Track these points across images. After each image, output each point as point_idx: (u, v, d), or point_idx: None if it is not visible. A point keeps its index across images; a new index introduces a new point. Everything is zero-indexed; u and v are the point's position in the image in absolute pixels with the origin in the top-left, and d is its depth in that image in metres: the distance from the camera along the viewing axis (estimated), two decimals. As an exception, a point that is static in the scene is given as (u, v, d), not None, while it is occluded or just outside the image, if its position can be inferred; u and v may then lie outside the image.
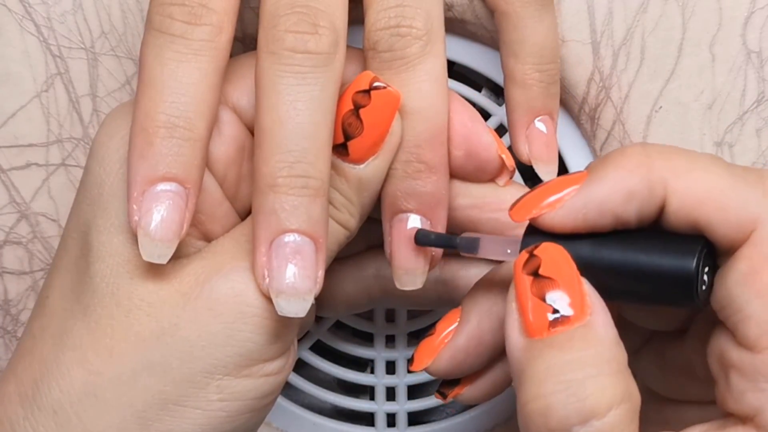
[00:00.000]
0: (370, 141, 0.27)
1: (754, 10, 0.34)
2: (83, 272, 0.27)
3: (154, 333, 0.26)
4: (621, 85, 0.34)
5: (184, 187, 0.26)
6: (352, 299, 0.32)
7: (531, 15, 0.30)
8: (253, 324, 0.26)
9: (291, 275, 0.25)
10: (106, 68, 0.34)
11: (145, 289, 0.26)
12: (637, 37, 0.34)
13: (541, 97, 0.31)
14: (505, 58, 0.31)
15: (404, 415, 0.38)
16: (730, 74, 0.34)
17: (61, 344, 0.26)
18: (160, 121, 0.25)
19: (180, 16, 0.26)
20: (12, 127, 0.34)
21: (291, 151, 0.25)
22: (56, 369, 0.26)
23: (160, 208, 0.25)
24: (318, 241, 0.26)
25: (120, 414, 0.26)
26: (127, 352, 0.26)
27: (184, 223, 0.26)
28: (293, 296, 0.25)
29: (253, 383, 0.27)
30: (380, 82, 0.27)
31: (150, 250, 0.25)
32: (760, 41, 0.34)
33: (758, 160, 0.35)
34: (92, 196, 0.27)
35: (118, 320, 0.26)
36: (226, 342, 0.26)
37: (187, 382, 0.26)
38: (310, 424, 0.38)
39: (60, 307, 0.27)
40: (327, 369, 0.38)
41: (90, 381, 0.26)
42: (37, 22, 0.33)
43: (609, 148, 0.35)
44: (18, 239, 0.35)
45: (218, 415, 0.26)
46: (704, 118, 0.35)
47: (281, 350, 0.27)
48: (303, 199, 0.25)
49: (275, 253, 0.25)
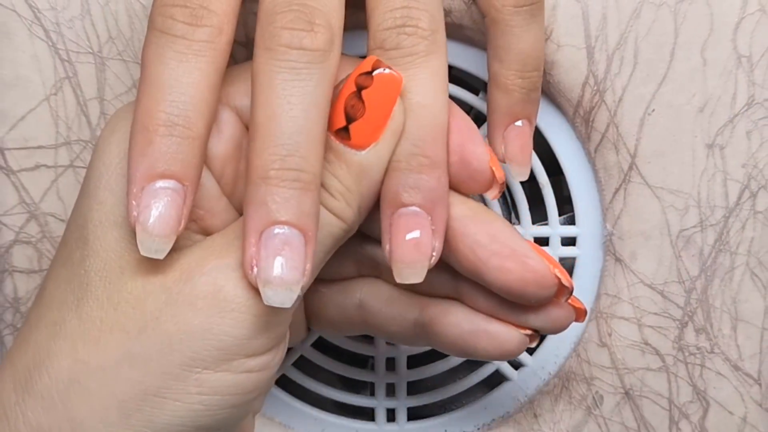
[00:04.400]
0: (373, 124, 0.26)
1: (744, 16, 0.34)
2: (78, 265, 0.27)
3: (137, 326, 0.26)
4: (615, 88, 0.34)
5: (182, 184, 0.25)
6: (335, 324, 0.32)
7: (519, 24, 0.30)
8: (231, 318, 0.26)
9: (279, 266, 0.25)
10: (114, 72, 0.34)
11: (133, 283, 0.26)
12: (630, 42, 0.34)
13: (522, 102, 0.31)
14: (490, 62, 0.31)
15: (404, 410, 0.38)
16: (721, 78, 0.34)
17: (54, 334, 0.26)
18: (161, 120, 0.25)
19: (181, 18, 0.26)
20: (22, 129, 0.34)
21: (284, 145, 0.25)
22: (47, 357, 0.26)
23: (158, 205, 0.25)
24: (307, 234, 0.25)
25: (102, 402, 0.26)
26: (112, 343, 0.26)
27: (182, 219, 0.25)
28: (280, 287, 0.25)
29: (234, 378, 0.26)
30: (383, 66, 0.27)
31: (148, 245, 0.25)
32: (750, 46, 0.34)
33: (749, 162, 0.35)
34: (90, 190, 0.27)
35: (107, 312, 0.26)
36: (204, 336, 0.26)
37: (167, 375, 0.26)
38: (313, 419, 0.38)
39: (55, 298, 0.27)
40: (329, 366, 0.38)
41: (76, 369, 0.26)
42: (46, 27, 0.33)
43: (603, 149, 0.35)
44: (27, 239, 0.35)
45: (197, 408, 0.26)
46: (696, 120, 0.35)
47: (263, 348, 0.27)
48: (294, 192, 0.25)
49: (264, 244, 0.25)
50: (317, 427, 0.38)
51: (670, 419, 0.37)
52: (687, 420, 0.37)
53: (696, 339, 0.36)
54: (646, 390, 0.37)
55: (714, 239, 0.36)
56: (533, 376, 0.38)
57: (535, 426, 0.37)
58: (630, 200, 0.36)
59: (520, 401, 0.38)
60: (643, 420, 0.37)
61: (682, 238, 0.36)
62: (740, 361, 0.37)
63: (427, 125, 0.27)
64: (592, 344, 0.37)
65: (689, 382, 0.37)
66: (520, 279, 0.29)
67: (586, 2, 0.34)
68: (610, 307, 0.36)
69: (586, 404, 0.37)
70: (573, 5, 0.34)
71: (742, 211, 0.36)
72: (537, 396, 0.38)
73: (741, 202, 0.36)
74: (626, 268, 0.36)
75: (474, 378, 0.38)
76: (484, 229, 0.29)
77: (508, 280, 0.29)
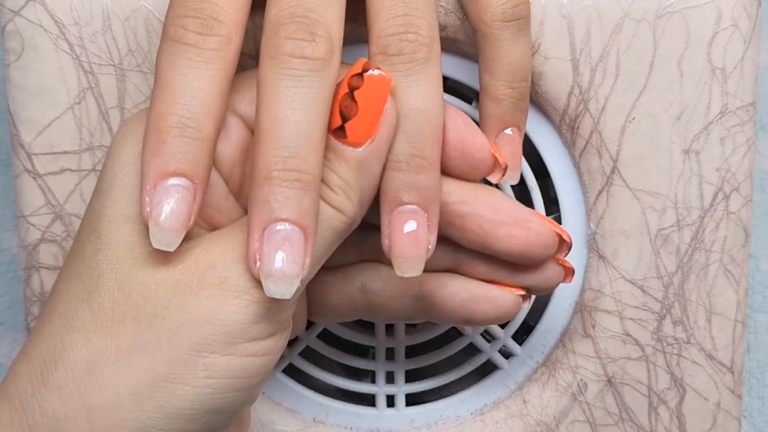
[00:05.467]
0: (366, 122, 0.27)
1: (718, 31, 0.34)
2: (90, 258, 0.27)
3: (148, 316, 0.26)
4: (598, 98, 0.35)
5: (192, 182, 0.26)
6: (338, 309, 0.32)
7: (507, 37, 0.30)
8: (235, 305, 0.26)
9: (280, 260, 0.25)
10: (133, 83, 0.34)
11: (144, 275, 0.26)
12: (612, 54, 0.34)
13: (511, 110, 0.31)
14: (481, 73, 0.31)
15: (402, 396, 0.38)
16: (696, 88, 0.35)
17: (67, 326, 0.27)
18: (173, 122, 0.25)
19: (193, 27, 0.26)
20: (48, 136, 0.34)
21: (286, 147, 0.25)
22: (62, 349, 0.26)
23: (170, 201, 0.25)
24: (307, 230, 0.25)
25: (116, 390, 0.26)
26: (124, 332, 0.26)
27: (192, 215, 0.26)
28: (280, 279, 0.25)
29: (240, 362, 0.26)
30: (373, 67, 0.27)
31: (159, 239, 0.25)
32: (723, 58, 0.35)
33: (722, 166, 0.35)
34: (104, 188, 0.28)
35: (119, 303, 0.26)
36: (210, 321, 0.26)
37: (176, 361, 0.26)
38: (318, 405, 0.38)
39: (68, 291, 0.27)
40: (333, 355, 0.38)
41: (91, 360, 0.26)
42: (70, 41, 0.34)
43: (587, 155, 0.35)
44: (53, 237, 0.35)
45: (206, 392, 0.26)
46: (673, 128, 0.35)
47: (267, 332, 0.27)
48: (295, 191, 0.25)
49: (267, 240, 0.25)
50: (322, 411, 0.38)
51: (649, 405, 0.37)
52: (665, 405, 0.37)
53: (673, 330, 0.37)
54: (627, 378, 0.37)
55: (690, 238, 0.36)
56: (522, 365, 0.38)
57: (524, 411, 0.38)
58: (612, 201, 0.36)
59: (511, 388, 0.38)
60: (625, 405, 0.37)
61: (661, 237, 0.36)
62: (714, 350, 0.37)
63: (426, 128, 0.27)
64: (577, 335, 0.37)
65: (667, 371, 0.37)
66: (527, 243, 0.30)
67: (571, 18, 0.34)
68: (594, 301, 0.37)
69: (571, 391, 0.37)
70: (559, 21, 0.34)
71: (716, 211, 0.36)
72: (526, 383, 0.38)
73: (715, 203, 0.36)
74: (609, 264, 0.36)
75: (468, 367, 0.38)
76: (486, 204, 0.30)
77: (517, 246, 0.30)
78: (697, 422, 0.38)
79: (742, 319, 0.37)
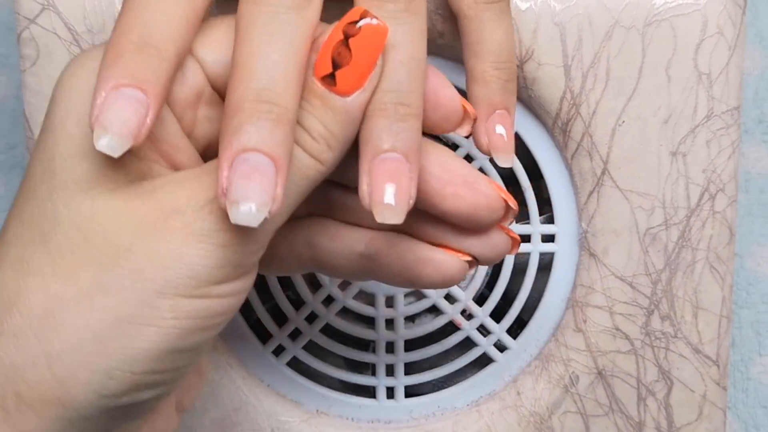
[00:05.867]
0: (358, 71, 0.26)
1: (705, 38, 0.35)
2: (45, 199, 0.25)
3: (109, 257, 0.25)
4: (589, 102, 0.35)
5: (146, 96, 0.24)
6: (285, 263, 0.31)
7: (490, 19, 0.30)
8: (201, 248, 0.25)
9: (247, 188, 0.24)
10: None
11: (104, 215, 0.25)
12: (603, 61, 0.35)
13: (500, 92, 0.31)
14: (466, 58, 0.31)
15: (402, 388, 0.39)
16: (683, 93, 0.35)
17: (22, 271, 0.25)
18: (133, 42, 0.24)
19: None
20: None
21: (260, 79, 0.24)
22: (17, 295, 0.25)
23: (119, 108, 0.24)
24: (278, 162, 0.24)
25: (77, 334, 0.24)
26: (84, 275, 0.25)
27: (143, 129, 0.24)
28: (246, 205, 0.24)
29: (206, 303, 0.25)
30: (371, 16, 0.26)
31: (103, 141, 0.24)
32: (709, 64, 0.35)
33: (708, 168, 0.36)
34: (55, 124, 0.26)
35: (77, 245, 0.25)
36: (176, 265, 0.25)
37: (141, 302, 0.25)
38: (321, 396, 0.39)
39: (20, 235, 0.26)
40: (335, 349, 0.38)
41: (49, 304, 0.25)
42: (83, 47, 0.34)
43: (579, 157, 0.36)
44: None
45: (172, 332, 0.25)
46: (661, 131, 0.36)
47: (233, 275, 0.26)
48: (266, 122, 0.24)
49: (235, 169, 0.24)
50: (325, 403, 0.39)
51: (638, 396, 0.37)
52: (653, 397, 0.38)
53: (661, 325, 0.37)
54: (617, 370, 0.37)
55: (677, 236, 0.36)
56: (516, 358, 0.38)
57: (518, 402, 0.38)
58: (602, 202, 0.36)
59: (505, 380, 0.38)
60: (614, 397, 0.38)
61: (649, 236, 0.36)
62: (700, 344, 0.37)
63: (415, 77, 0.26)
64: (569, 330, 0.37)
65: (655, 364, 0.37)
66: (473, 204, 0.28)
67: (563, 26, 0.34)
68: (585, 297, 0.37)
69: (563, 383, 0.38)
70: (552, 28, 0.35)
71: (702, 211, 0.36)
72: (520, 376, 0.38)
73: (701, 203, 0.36)
74: (599, 262, 0.37)
75: (464, 360, 0.38)
76: (435, 161, 0.28)
77: (462, 206, 0.28)
78: (683, 413, 0.38)
79: (727, 314, 0.37)
